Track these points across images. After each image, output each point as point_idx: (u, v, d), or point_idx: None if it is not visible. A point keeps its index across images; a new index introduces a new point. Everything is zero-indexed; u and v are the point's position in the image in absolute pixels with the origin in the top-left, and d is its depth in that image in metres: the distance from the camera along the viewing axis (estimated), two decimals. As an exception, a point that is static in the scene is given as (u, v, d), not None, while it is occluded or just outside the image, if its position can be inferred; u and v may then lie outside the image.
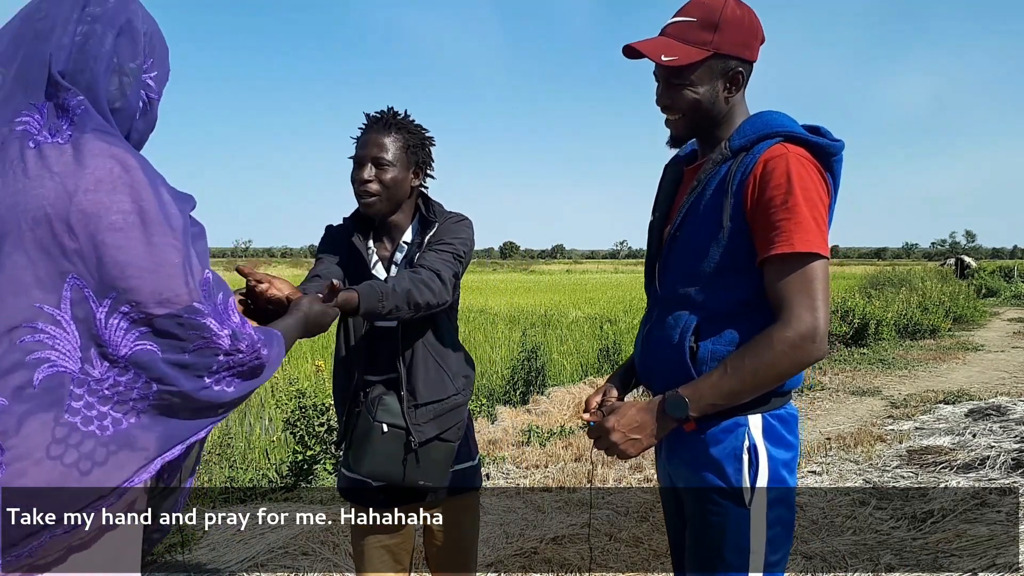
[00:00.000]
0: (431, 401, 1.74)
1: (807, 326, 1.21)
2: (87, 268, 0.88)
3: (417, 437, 1.70)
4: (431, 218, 1.80)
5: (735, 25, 1.34)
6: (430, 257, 1.70)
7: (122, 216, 0.88)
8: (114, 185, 0.89)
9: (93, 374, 0.89)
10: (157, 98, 1.08)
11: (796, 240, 1.23)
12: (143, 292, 0.89)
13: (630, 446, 1.28)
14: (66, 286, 0.87)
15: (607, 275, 50.72)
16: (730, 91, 1.38)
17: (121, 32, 0.99)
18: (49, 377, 0.86)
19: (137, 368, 0.91)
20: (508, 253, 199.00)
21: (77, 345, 0.88)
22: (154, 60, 1.05)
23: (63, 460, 0.85)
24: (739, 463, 1.31)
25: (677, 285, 1.40)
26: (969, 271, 25.54)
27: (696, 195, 1.38)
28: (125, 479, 0.90)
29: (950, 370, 8.46)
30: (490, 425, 5.86)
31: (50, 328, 0.86)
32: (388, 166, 1.71)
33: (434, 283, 1.62)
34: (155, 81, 1.06)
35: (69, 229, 0.87)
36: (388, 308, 1.54)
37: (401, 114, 1.79)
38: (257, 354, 1.01)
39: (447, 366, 1.78)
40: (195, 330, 0.93)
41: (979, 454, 4.40)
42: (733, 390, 1.24)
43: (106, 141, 0.92)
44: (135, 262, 0.89)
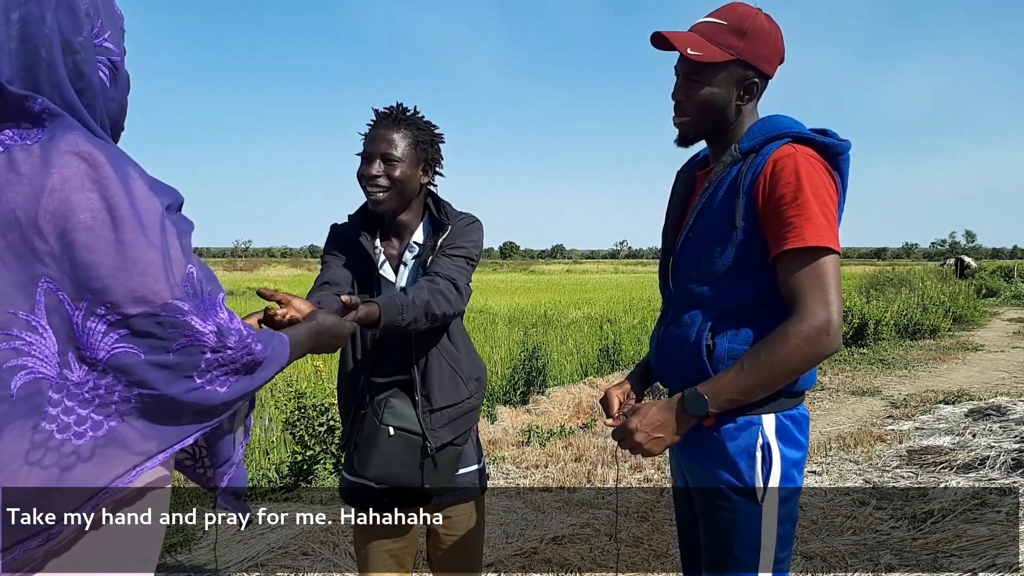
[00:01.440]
0: (446, 406, 1.73)
1: (821, 320, 1.23)
2: (60, 270, 0.85)
3: (433, 442, 1.69)
4: (443, 220, 1.77)
5: (762, 37, 1.38)
6: (445, 264, 1.68)
7: (90, 214, 0.85)
8: (81, 183, 0.86)
9: (72, 378, 0.86)
10: (120, 58, 1.01)
11: (808, 235, 1.25)
12: (116, 292, 0.86)
13: (654, 444, 1.32)
14: (39, 291, 0.85)
15: (607, 275, 50.73)
16: (743, 99, 1.41)
17: (57, 6, 0.92)
18: (26, 384, 0.83)
19: (116, 371, 0.88)
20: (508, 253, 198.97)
21: (55, 350, 0.86)
22: (103, 20, 0.98)
23: (42, 464, 0.84)
24: (752, 461, 1.34)
25: (691, 285, 1.43)
26: (969, 271, 25.53)
27: (708, 196, 1.41)
28: (114, 478, 0.88)
29: (950, 370, 8.46)
30: (490, 425, 5.86)
31: (25, 335, 0.84)
32: (397, 162, 1.69)
33: (451, 293, 1.62)
34: (112, 41, 0.99)
35: (39, 231, 0.84)
36: (408, 321, 1.53)
37: (411, 110, 1.77)
38: (248, 350, 0.97)
39: (460, 369, 1.77)
40: (175, 328, 0.89)
41: (979, 454, 4.40)
42: (750, 385, 1.27)
43: (73, 138, 0.88)
44: (106, 261, 0.85)
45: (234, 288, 29.21)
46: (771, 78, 1.44)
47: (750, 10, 1.40)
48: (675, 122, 1.46)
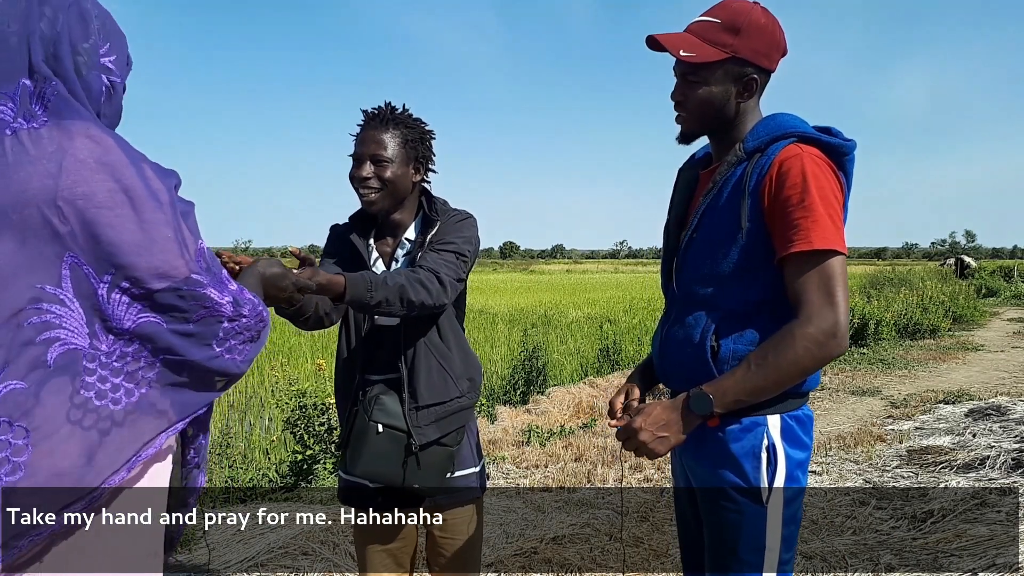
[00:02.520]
0: (433, 403, 1.72)
1: (828, 322, 1.23)
2: (81, 248, 0.88)
3: (418, 439, 1.68)
4: (433, 216, 1.77)
5: (757, 32, 1.37)
6: (431, 257, 1.68)
7: (108, 195, 0.89)
8: (96, 165, 0.89)
9: (102, 348, 0.91)
10: (120, 82, 1.06)
11: (814, 237, 1.25)
12: (140, 268, 0.90)
13: (658, 444, 1.30)
14: (64, 265, 0.88)
15: (607, 275, 50.74)
16: (742, 96, 1.40)
17: (69, 11, 0.98)
18: (62, 355, 0.87)
19: (142, 340, 0.92)
20: (508, 253, 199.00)
21: (83, 321, 0.89)
22: (110, 44, 1.03)
23: (82, 424, 0.87)
24: (758, 462, 1.33)
25: (695, 285, 1.42)
26: (969, 271, 25.53)
27: (712, 197, 1.40)
28: (146, 441, 0.92)
29: (950, 370, 8.46)
30: (490, 425, 5.86)
31: (55, 308, 0.87)
32: (387, 163, 1.69)
33: (431, 283, 1.60)
34: (115, 65, 1.04)
35: (58, 211, 0.87)
36: (377, 299, 1.52)
37: (399, 109, 1.76)
38: (260, 317, 1.03)
39: (450, 368, 1.76)
40: (196, 300, 0.94)
41: (979, 454, 4.40)
42: (756, 386, 1.26)
43: (82, 123, 0.92)
44: (128, 239, 0.89)
45: (234, 288, 29.23)
46: (772, 72, 1.42)
47: (745, 5, 1.38)
48: (677, 119, 1.46)
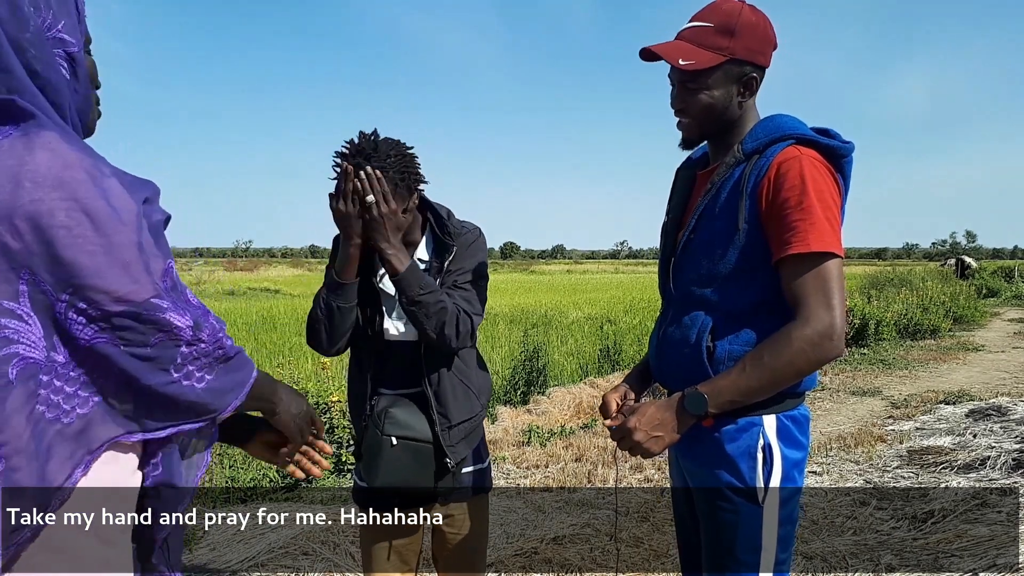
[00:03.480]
0: (462, 421, 1.74)
1: (825, 324, 1.23)
2: (39, 264, 0.85)
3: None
4: (448, 241, 1.72)
5: (751, 31, 1.37)
6: (462, 297, 1.69)
7: (66, 214, 0.84)
8: (56, 182, 0.85)
9: (58, 359, 0.88)
10: (78, 48, 0.98)
11: (812, 240, 1.25)
12: (98, 290, 0.86)
13: (653, 444, 1.30)
14: (21, 281, 0.85)
15: (607, 275, 50.72)
16: (744, 96, 1.40)
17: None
18: (22, 370, 0.85)
19: (96, 358, 0.89)
20: (509, 253, 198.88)
21: (40, 335, 0.87)
22: (53, 12, 0.94)
23: (39, 432, 0.85)
24: (753, 462, 1.34)
25: (692, 286, 1.42)
26: (970, 271, 25.51)
27: (711, 198, 1.40)
28: (98, 446, 0.90)
29: (950, 370, 8.46)
30: (490, 425, 5.86)
31: (12, 323, 0.85)
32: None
33: (465, 326, 1.64)
34: (67, 31, 0.96)
35: (14, 229, 0.83)
36: (419, 300, 1.57)
37: (372, 139, 1.59)
38: (219, 343, 0.98)
39: (471, 384, 1.78)
40: (154, 324, 0.90)
41: (979, 454, 4.40)
42: (752, 387, 1.26)
43: (46, 137, 0.87)
44: (86, 261, 0.85)
45: (235, 288, 29.19)
46: (767, 68, 1.42)
47: (734, 6, 1.38)
48: (678, 126, 1.46)
